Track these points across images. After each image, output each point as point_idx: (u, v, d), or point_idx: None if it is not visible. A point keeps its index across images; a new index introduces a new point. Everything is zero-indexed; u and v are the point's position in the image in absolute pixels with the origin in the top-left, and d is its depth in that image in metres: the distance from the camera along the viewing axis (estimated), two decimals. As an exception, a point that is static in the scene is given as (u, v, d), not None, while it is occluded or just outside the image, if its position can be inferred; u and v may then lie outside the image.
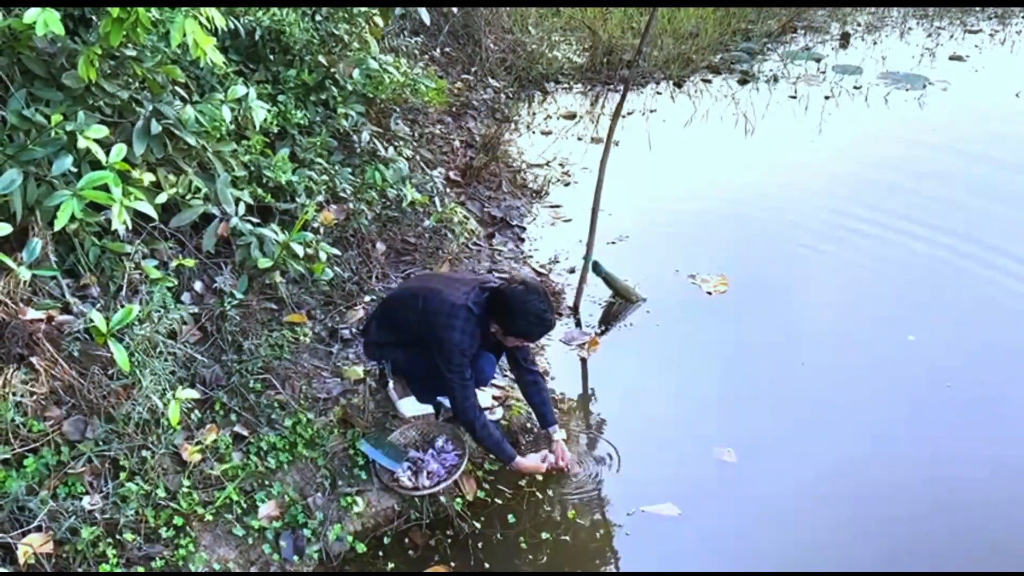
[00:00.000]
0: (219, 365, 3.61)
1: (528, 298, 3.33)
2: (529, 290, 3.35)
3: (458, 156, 6.09)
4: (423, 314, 3.45)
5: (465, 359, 3.41)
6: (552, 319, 3.41)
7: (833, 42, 9.01)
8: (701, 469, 3.79)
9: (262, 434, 3.46)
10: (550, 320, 3.40)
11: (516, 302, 3.33)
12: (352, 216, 4.36)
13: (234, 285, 3.78)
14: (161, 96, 3.51)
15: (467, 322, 3.37)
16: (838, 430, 3.99)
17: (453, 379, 3.42)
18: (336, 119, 4.44)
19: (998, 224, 5.49)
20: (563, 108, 7.52)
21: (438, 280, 3.71)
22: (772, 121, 7.18)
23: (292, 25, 4.20)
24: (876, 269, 5.15)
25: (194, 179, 3.58)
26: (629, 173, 5.97)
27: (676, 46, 8.32)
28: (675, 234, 5.55)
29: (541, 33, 8.40)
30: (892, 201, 5.84)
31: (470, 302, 3.39)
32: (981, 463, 3.78)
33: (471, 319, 3.38)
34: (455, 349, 3.37)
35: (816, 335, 4.62)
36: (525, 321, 3.35)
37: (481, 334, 3.44)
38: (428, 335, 3.43)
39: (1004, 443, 3.89)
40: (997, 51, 8.71)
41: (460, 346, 3.38)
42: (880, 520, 3.54)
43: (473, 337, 3.41)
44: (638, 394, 4.22)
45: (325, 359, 3.99)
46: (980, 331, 4.61)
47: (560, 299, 4.87)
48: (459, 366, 3.41)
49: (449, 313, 3.38)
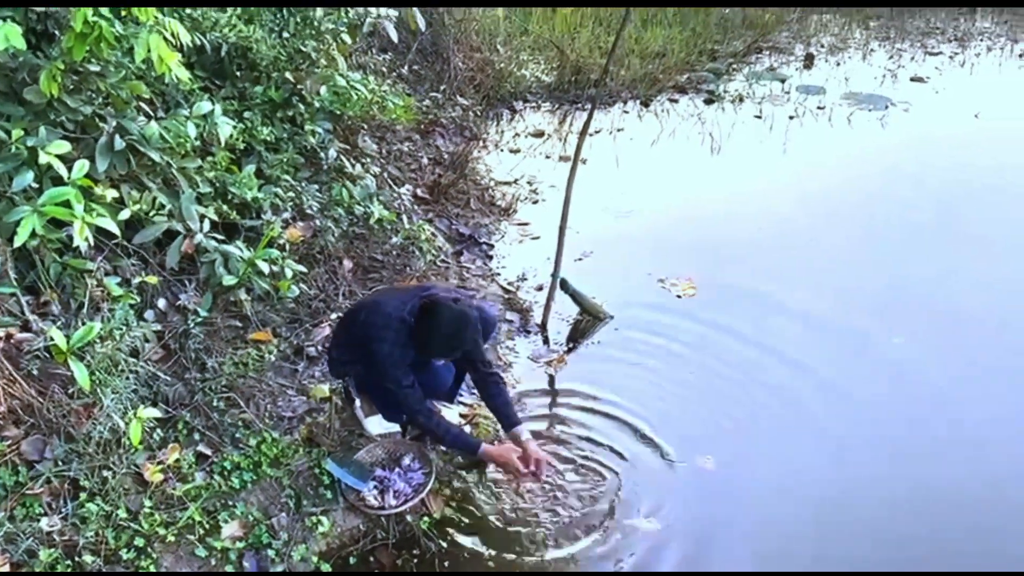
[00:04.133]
0: (182, 383, 3.57)
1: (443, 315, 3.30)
2: (450, 310, 3.32)
3: (426, 173, 6.09)
4: (362, 327, 3.46)
5: (399, 367, 3.38)
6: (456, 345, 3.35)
7: (797, 63, 9.14)
8: (681, 478, 3.80)
9: (226, 453, 3.42)
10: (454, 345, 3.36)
11: (433, 316, 3.32)
12: (319, 233, 4.34)
13: (198, 302, 3.74)
14: (125, 112, 3.48)
15: (399, 333, 3.35)
16: (816, 434, 4.03)
17: (393, 389, 3.42)
18: (303, 136, 4.42)
19: (957, 237, 5.62)
20: (531, 126, 7.55)
21: (385, 292, 3.73)
22: (738, 140, 7.27)
23: (259, 42, 4.19)
24: (842, 277, 5.24)
25: (158, 195, 3.54)
26: (597, 191, 6.00)
27: (643, 66, 8.40)
28: (643, 247, 5.59)
29: (509, 52, 8.45)
30: (859, 215, 5.98)
31: (405, 312, 3.37)
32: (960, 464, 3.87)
33: (403, 330, 3.35)
34: (386, 360, 3.36)
35: (788, 339, 4.67)
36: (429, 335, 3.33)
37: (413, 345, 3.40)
38: (365, 347, 3.43)
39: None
40: (957, 73, 8.89)
41: (391, 357, 3.36)
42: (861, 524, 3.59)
43: (405, 348, 3.37)
44: (612, 402, 4.23)
45: (290, 377, 3.95)
46: (960, 336, 4.71)
47: (528, 316, 4.87)
48: (394, 376, 3.39)
49: (381, 325, 3.38)
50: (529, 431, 3.64)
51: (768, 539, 3.53)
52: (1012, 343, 4.66)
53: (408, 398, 3.44)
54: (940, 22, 10.40)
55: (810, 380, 4.37)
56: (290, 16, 4.37)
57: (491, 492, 3.68)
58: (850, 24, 10.21)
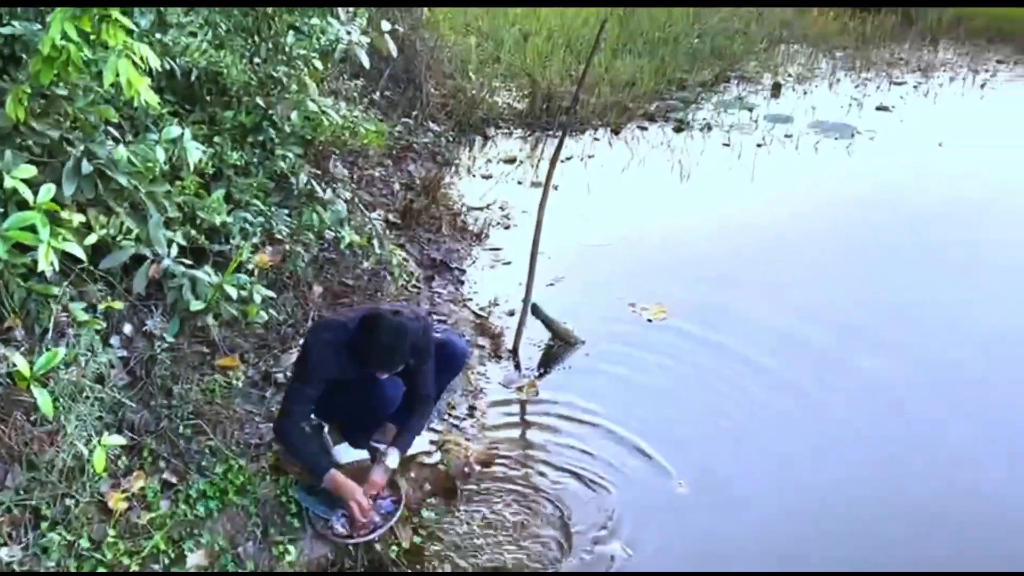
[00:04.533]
0: (148, 410, 3.52)
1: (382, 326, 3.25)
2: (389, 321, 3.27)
3: (398, 199, 6.09)
4: (307, 337, 3.44)
5: (316, 373, 3.33)
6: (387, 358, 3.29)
7: (765, 92, 9.27)
8: (653, 501, 3.80)
9: (191, 481, 3.37)
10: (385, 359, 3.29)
11: (372, 326, 3.27)
12: (288, 258, 4.32)
13: (165, 328, 3.70)
14: (93, 136, 3.44)
15: (335, 335, 3.31)
16: (788, 457, 4.09)
17: (293, 384, 3.40)
18: (273, 160, 4.40)
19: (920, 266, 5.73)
20: (503, 152, 7.59)
21: (347, 309, 3.72)
22: (706, 167, 7.34)
23: (230, 67, 4.18)
24: (811, 299, 5.33)
25: (126, 220, 3.50)
26: (568, 217, 6.04)
27: (613, 94, 8.48)
28: (614, 272, 5.63)
29: (481, 79, 8.50)
30: (826, 239, 6.11)
31: (349, 320, 3.35)
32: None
33: (341, 335, 3.31)
34: (309, 355, 3.34)
35: (760, 362, 4.74)
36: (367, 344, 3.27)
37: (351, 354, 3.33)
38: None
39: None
40: (921, 102, 9.06)
41: (316, 355, 3.32)
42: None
43: (337, 353, 3.31)
44: (583, 426, 4.24)
45: (258, 404, 3.91)
46: (930, 352, 4.84)
47: (500, 342, 4.87)
48: (307, 375, 3.35)
49: (324, 326, 3.38)
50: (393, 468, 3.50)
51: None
52: (985, 361, 4.79)
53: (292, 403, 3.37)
54: (904, 53, 10.60)
55: (781, 402, 4.42)
56: (261, 42, 4.37)
57: (461, 520, 3.65)
58: (816, 54, 10.39)
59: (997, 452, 4.16)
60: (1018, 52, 10.51)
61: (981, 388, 4.60)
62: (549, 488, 3.85)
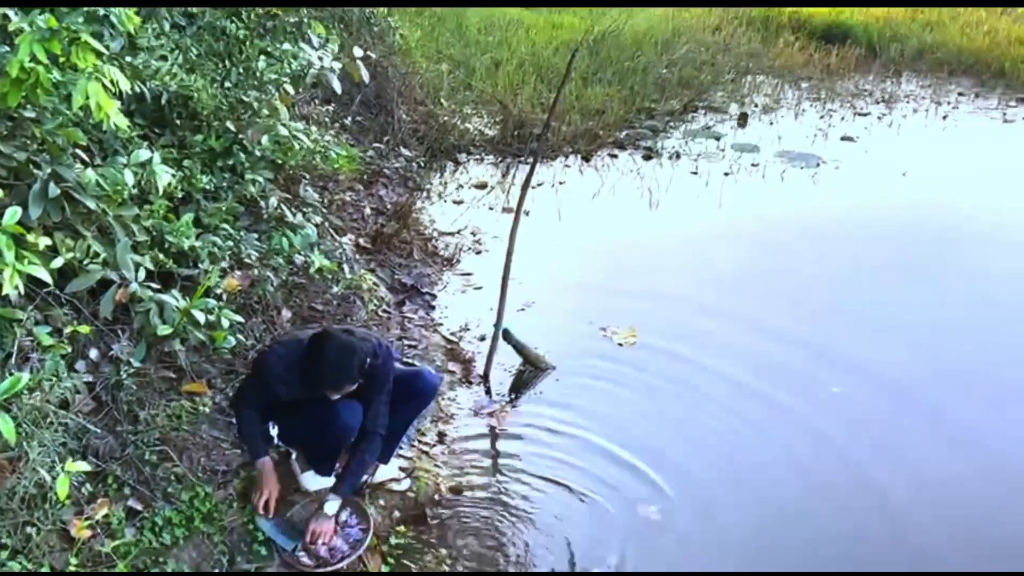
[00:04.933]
0: (113, 436, 3.47)
1: (329, 344, 3.27)
2: (333, 339, 3.28)
3: (369, 223, 6.09)
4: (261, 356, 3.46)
5: (266, 385, 3.38)
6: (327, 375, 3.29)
7: (732, 121, 9.39)
8: (626, 528, 3.80)
9: (157, 508, 3.32)
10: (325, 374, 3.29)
11: (319, 341, 3.30)
12: (257, 283, 4.29)
13: (131, 353, 3.64)
14: (61, 158, 3.41)
15: (292, 350, 3.34)
16: (760, 482, 4.13)
17: (247, 382, 3.49)
18: (243, 185, 4.38)
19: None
20: (475, 178, 7.62)
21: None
22: (675, 195, 7.42)
23: (200, 91, 4.16)
24: (778, 323, 5.40)
25: (93, 244, 3.47)
26: (539, 242, 6.06)
27: (584, 122, 8.56)
28: (585, 297, 5.67)
29: (453, 106, 8.54)
30: (791, 265, 6.20)
31: (305, 337, 3.36)
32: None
33: (297, 350, 3.33)
34: (265, 368, 3.38)
35: (727, 385, 4.79)
36: (311, 362, 3.28)
37: (303, 375, 3.35)
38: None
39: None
40: (885, 133, 9.22)
41: (270, 368, 3.37)
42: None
43: (289, 369, 3.33)
44: (553, 453, 4.24)
45: (226, 430, 3.87)
46: (896, 370, 4.94)
47: (471, 367, 4.87)
48: (254, 386, 3.43)
49: (280, 340, 3.42)
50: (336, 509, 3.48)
51: None
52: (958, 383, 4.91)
53: (245, 397, 3.50)
54: (868, 84, 10.80)
55: (748, 435, 4.44)
56: (232, 67, 4.36)
57: (431, 546, 3.62)
58: (782, 85, 10.55)
59: (968, 470, 4.25)
60: (978, 85, 10.75)
61: (947, 405, 4.70)
62: (519, 514, 3.84)
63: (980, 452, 4.36)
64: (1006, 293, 5.89)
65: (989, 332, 5.40)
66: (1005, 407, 4.71)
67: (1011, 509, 4.02)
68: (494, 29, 10.91)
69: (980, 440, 4.44)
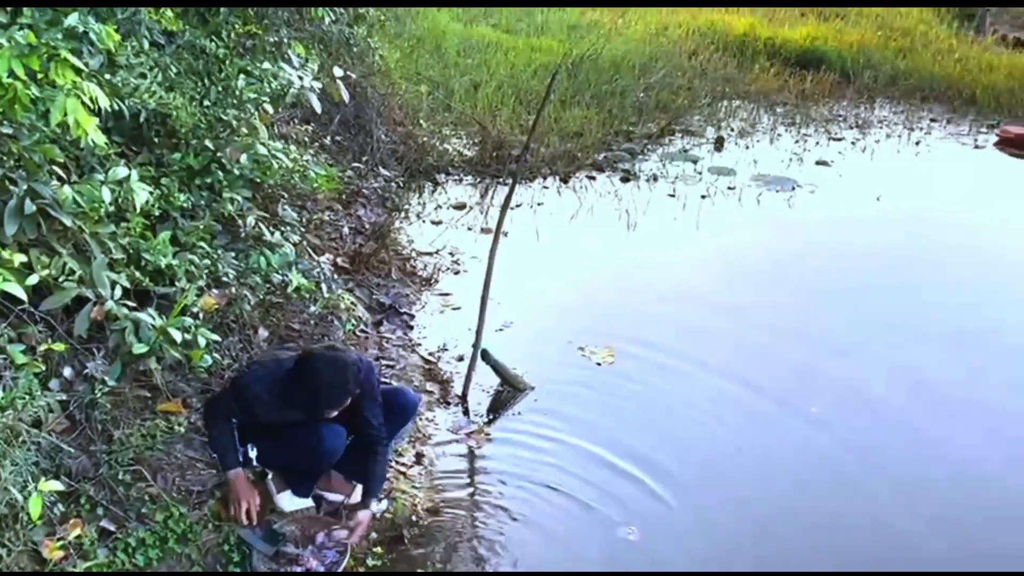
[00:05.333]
0: (87, 456, 3.42)
1: (320, 364, 3.28)
2: (321, 357, 3.29)
3: (347, 243, 6.08)
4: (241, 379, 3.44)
5: (245, 405, 3.37)
6: (322, 397, 3.31)
7: (709, 145, 9.49)
8: (603, 548, 3.80)
9: (131, 529, 3.28)
10: (320, 398, 3.32)
11: (306, 363, 3.29)
12: (234, 301, 4.26)
13: (106, 371, 3.60)
14: (37, 175, 3.39)
15: (272, 371, 3.34)
16: (739, 502, 4.14)
17: (223, 396, 3.46)
18: (221, 203, 4.37)
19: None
20: (453, 199, 7.63)
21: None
22: (653, 217, 7.47)
23: (179, 109, 4.15)
24: (756, 340, 5.48)
25: (68, 261, 3.44)
26: (518, 263, 6.08)
27: (562, 144, 8.61)
28: (563, 318, 5.69)
29: (432, 126, 8.57)
30: (769, 285, 6.28)
31: (287, 359, 3.36)
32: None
33: (278, 371, 3.33)
34: (245, 386, 3.36)
35: (705, 408, 4.83)
36: (302, 384, 3.29)
37: (286, 396, 3.36)
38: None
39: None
40: (859, 158, 9.34)
41: (251, 387, 3.36)
42: None
43: (270, 391, 3.34)
44: (531, 473, 4.23)
45: (201, 450, 3.83)
46: (869, 388, 5.03)
47: (448, 387, 4.86)
48: (231, 401, 3.41)
49: (259, 360, 3.42)
50: (380, 506, 3.66)
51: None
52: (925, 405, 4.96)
53: (217, 408, 3.47)
54: (842, 110, 10.95)
55: (725, 449, 4.47)
56: (212, 85, 4.36)
57: (408, 567, 3.60)
58: (758, 110, 10.68)
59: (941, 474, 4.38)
60: (950, 111, 10.93)
61: (921, 420, 4.79)
62: (496, 535, 3.82)
63: (954, 461, 4.49)
64: (980, 311, 5.99)
65: (964, 349, 5.49)
66: (976, 421, 4.81)
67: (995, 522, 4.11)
68: (473, 51, 10.98)
69: (956, 451, 4.58)
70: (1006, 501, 4.26)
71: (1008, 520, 4.14)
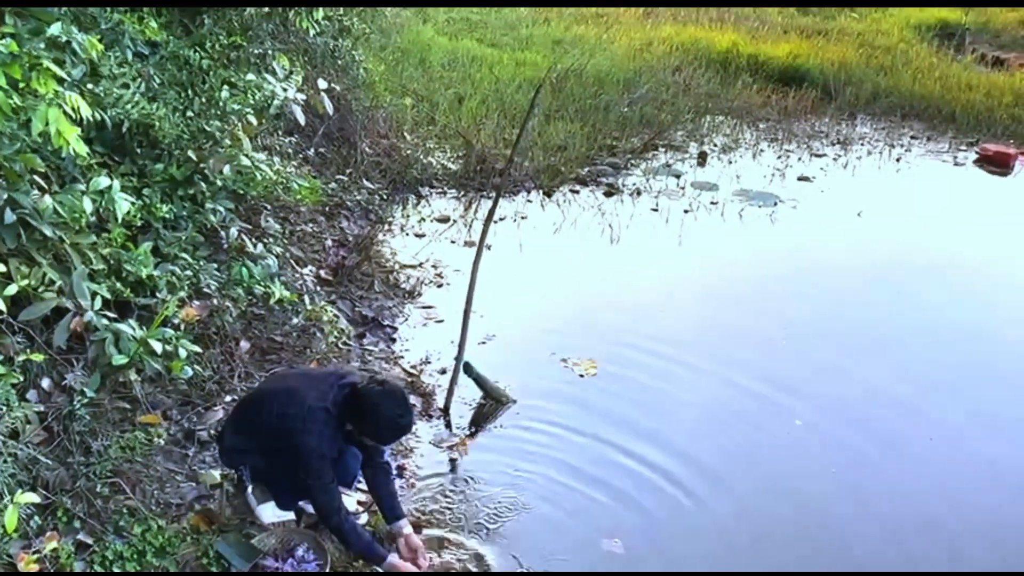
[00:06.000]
0: (64, 468, 3.40)
1: (383, 401, 3.29)
2: (385, 392, 3.31)
3: (330, 255, 6.06)
4: (279, 419, 3.35)
5: (325, 462, 3.31)
6: (407, 423, 3.38)
7: (692, 160, 9.53)
8: (593, 559, 3.81)
9: (108, 542, 3.25)
10: (405, 425, 3.38)
11: (370, 404, 3.29)
12: (216, 313, 4.25)
13: (85, 383, 3.59)
14: (18, 185, 3.37)
15: (325, 425, 3.30)
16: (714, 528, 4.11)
17: (314, 485, 3.31)
18: (204, 214, 4.36)
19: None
20: (437, 212, 7.63)
21: (295, 379, 3.64)
22: (636, 231, 7.49)
23: (162, 120, 4.15)
24: (736, 353, 5.50)
25: (48, 271, 3.42)
26: (501, 276, 6.08)
27: (546, 158, 8.63)
28: (546, 331, 5.68)
29: (416, 139, 8.57)
30: (751, 299, 6.32)
31: (328, 403, 3.32)
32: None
33: (329, 421, 3.31)
34: (313, 454, 3.28)
35: (685, 421, 4.86)
36: (377, 424, 3.32)
37: (341, 434, 3.38)
38: (284, 440, 3.32)
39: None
40: (840, 174, 9.40)
41: (319, 451, 3.28)
42: None
43: (333, 440, 3.34)
44: (513, 486, 4.23)
45: (180, 462, 3.81)
46: (846, 403, 5.07)
47: (431, 400, 4.84)
48: (318, 471, 3.30)
49: (305, 417, 3.29)
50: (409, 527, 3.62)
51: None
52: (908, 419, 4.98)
53: (328, 495, 3.34)
54: (824, 126, 11.02)
55: (707, 459, 4.49)
56: (195, 96, 4.36)
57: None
58: (741, 125, 10.73)
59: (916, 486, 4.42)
60: (930, 129, 11.03)
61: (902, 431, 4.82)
62: (478, 547, 3.81)
63: (934, 473, 4.55)
64: (959, 326, 6.04)
65: (944, 362, 5.57)
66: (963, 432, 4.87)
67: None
68: (457, 64, 11.00)
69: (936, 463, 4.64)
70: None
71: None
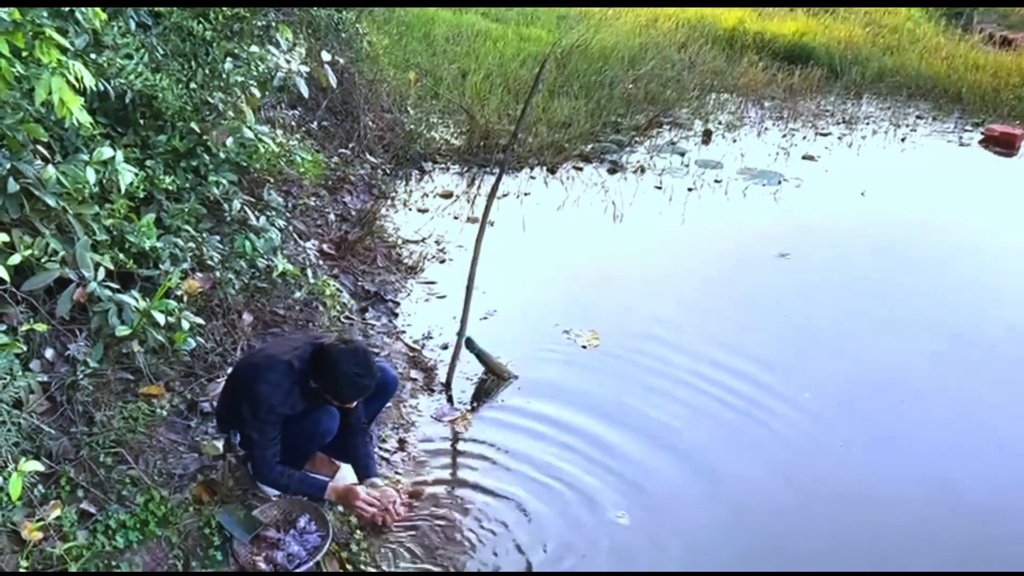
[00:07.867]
0: (67, 437, 3.42)
1: (343, 358, 3.32)
2: (347, 351, 3.35)
3: (333, 229, 6.06)
4: (245, 372, 3.43)
5: (273, 414, 3.35)
6: (366, 383, 3.39)
7: (696, 138, 9.49)
8: (592, 531, 3.83)
9: (111, 511, 3.27)
10: (363, 384, 3.38)
11: (331, 359, 3.32)
12: (219, 285, 4.26)
13: (88, 353, 3.60)
14: (20, 154, 3.37)
15: (283, 376, 3.33)
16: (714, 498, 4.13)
17: (252, 433, 3.37)
18: (207, 186, 4.35)
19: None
20: (440, 187, 7.61)
21: (274, 340, 3.71)
22: (639, 209, 7.47)
23: (165, 91, 4.13)
24: (736, 326, 5.51)
25: (51, 241, 3.42)
26: (504, 252, 6.08)
27: (550, 134, 8.60)
28: (548, 307, 5.69)
29: (420, 114, 8.54)
30: (753, 275, 6.32)
31: (294, 358, 3.36)
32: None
33: (289, 374, 3.34)
34: (262, 403, 3.32)
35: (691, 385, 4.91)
36: (336, 380, 3.34)
37: (302, 391, 3.40)
38: (240, 389, 3.38)
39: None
40: (845, 153, 9.37)
41: (269, 399, 3.32)
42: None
43: (289, 393, 3.35)
44: (513, 460, 4.25)
45: (183, 433, 3.83)
46: (844, 381, 5.09)
47: (433, 375, 4.86)
48: (263, 420, 3.35)
49: (265, 366, 3.35)
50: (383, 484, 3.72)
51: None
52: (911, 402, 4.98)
53: (263, 449, 3.41)
54: (829, 105, 10.97)
55: (709, 431, 4.51)
56: (199, 67, 4.33)
57: (389, 552, 3.61)
58: (746, 104, 10.69)
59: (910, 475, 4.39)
60: (935, 108, 10.97)
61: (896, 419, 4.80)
62: (479, 520, 3.83)
63: (927, 464, 4.51)
64: (961, 307, 6.02)
65: (946, 345, 5.54)
66: (957, 422, 4.84)
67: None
68: (462, 39, 10.94)
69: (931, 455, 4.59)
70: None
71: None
